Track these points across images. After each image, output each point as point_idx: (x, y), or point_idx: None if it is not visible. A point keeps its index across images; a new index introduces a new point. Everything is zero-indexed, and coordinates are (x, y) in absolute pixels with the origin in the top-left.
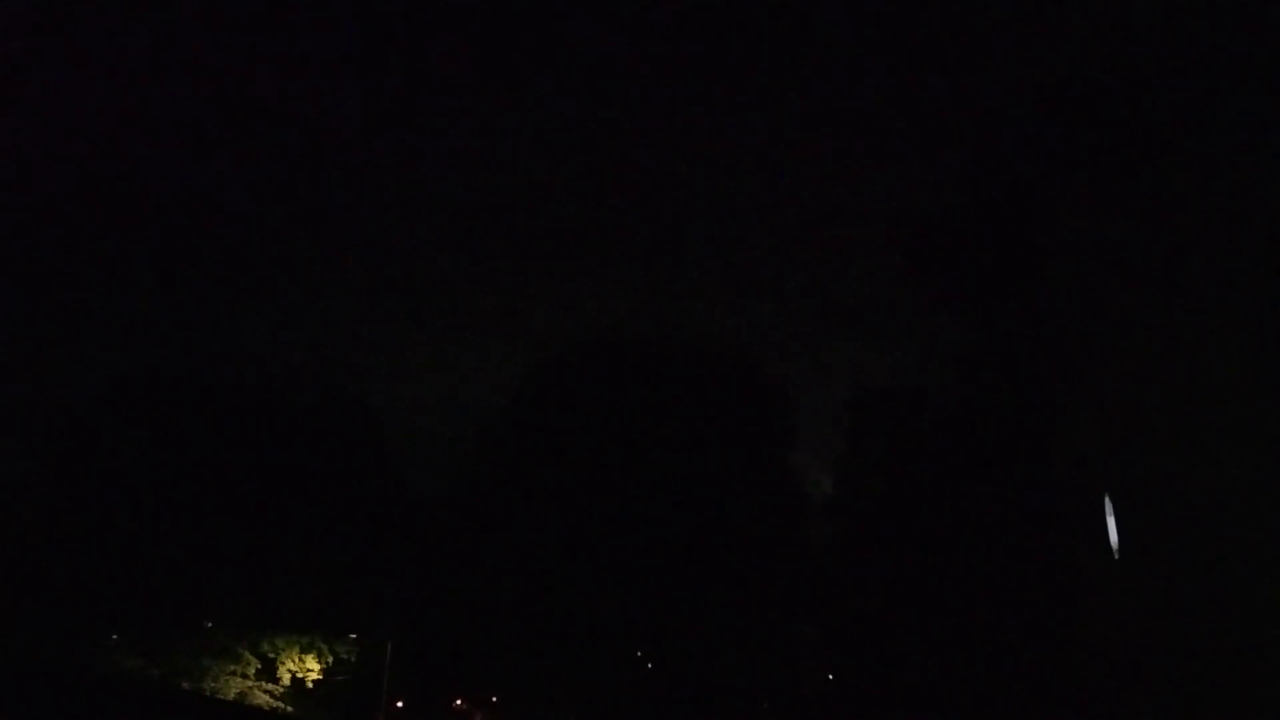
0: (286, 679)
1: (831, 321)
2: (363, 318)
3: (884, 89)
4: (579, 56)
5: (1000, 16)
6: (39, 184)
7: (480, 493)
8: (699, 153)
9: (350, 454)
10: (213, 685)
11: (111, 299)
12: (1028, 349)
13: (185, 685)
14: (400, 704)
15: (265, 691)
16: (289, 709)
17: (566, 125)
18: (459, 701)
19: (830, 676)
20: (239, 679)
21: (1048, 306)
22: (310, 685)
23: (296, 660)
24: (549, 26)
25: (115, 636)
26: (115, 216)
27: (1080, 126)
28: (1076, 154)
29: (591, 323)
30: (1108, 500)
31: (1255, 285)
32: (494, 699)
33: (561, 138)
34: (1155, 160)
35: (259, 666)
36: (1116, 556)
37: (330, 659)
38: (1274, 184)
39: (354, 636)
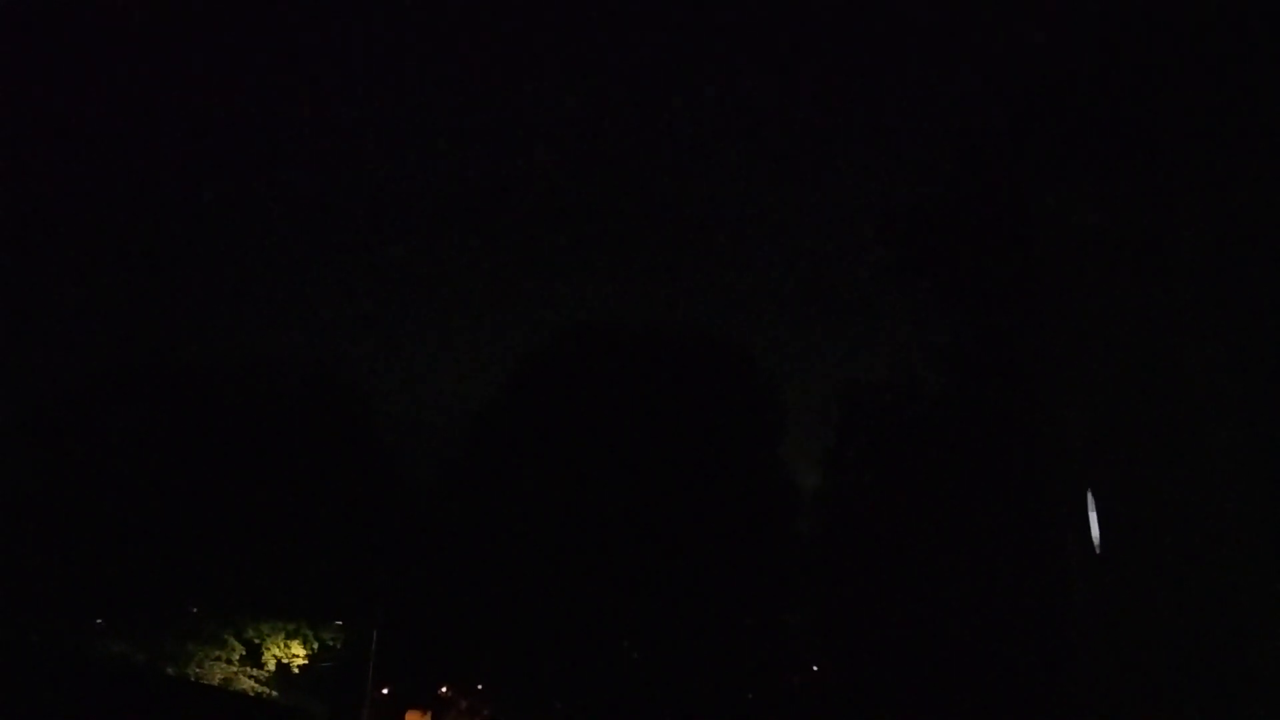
0: (272, 665)
1: (822, 315)
2: (355, 304)
3: (877, 86)
4: (575, 52)
5: (991, 14)
6: (29, 177)
7: (469, 481)
8: (692, 148)
9: (340, 440)
10: (197, 671)
11: (102, 287)
12: (1015, 344)
13: (170, 670)
14: (385, 691)
15: (250, 677)
16: (274, 694)
17: (563, 120)
18: (444, 689)
19: (815, 668)
20: (224, 665)
21: (1035, 302)
22: (296, 671)
23: (282, 646)
24: (547, 24)
25: (100, 621)
26: (106, 207)
27: (1070, 123)
28: (1066, 150)
29: (584, 313)
30: (1090, 496)
31: (1242, 284)
32: (479, 687)
33: (558, 132)
34: (1145, 157)
35: (244, 652)
36: (1098, 551)
37: (316, 645)
38: (1265, 183)
39: (340, 623)
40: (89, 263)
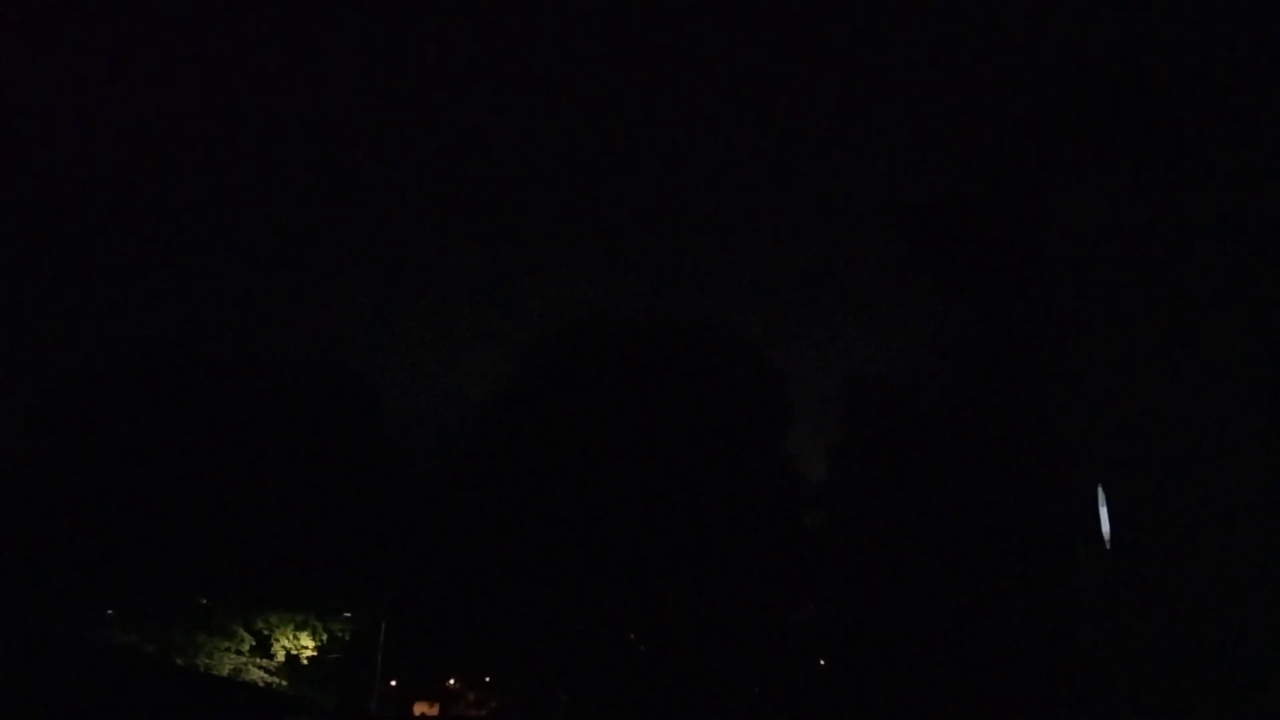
0: (281, 656)
1: (829, 307)
2: (363, 297)
3: (887, 76)
4: (579, 44)
5: (1004, 7)
6: (37, 162)
7: (476, 473)
8: (699, 139)
9: (348, 432)
10: (207, 661)
11: (112, 275)
12: (1024, 338)
13: (179, 661)
14: (394, 682)
15: (259, 668)
16: (283, 685)
17: (568, 111)
18: (452, 681)
19: (822, 662)
20: (233, 655)
21: (1045, 296)
22: (305, 662)
23: (291, 638)
24: (550, 15)
25: (110, 612)
26: (115, 194)
27: (1082, 117)
28: (1078, 143)
29: (589, 305)
30: (1100, 490)
31: (1253, 278)
32: (487, 679)
33: (562, 123)
34: (1157, 152)
35: (253, 643)
36: (1108, 547)
37: (325, 637)
38: (1274, 178)
39: (349, 615)
40: (95, 253)
